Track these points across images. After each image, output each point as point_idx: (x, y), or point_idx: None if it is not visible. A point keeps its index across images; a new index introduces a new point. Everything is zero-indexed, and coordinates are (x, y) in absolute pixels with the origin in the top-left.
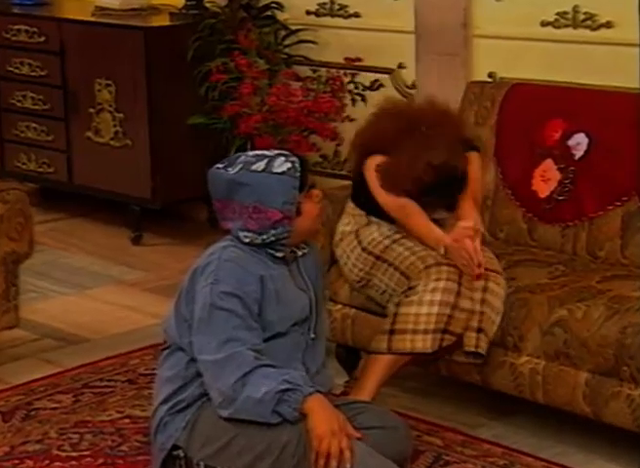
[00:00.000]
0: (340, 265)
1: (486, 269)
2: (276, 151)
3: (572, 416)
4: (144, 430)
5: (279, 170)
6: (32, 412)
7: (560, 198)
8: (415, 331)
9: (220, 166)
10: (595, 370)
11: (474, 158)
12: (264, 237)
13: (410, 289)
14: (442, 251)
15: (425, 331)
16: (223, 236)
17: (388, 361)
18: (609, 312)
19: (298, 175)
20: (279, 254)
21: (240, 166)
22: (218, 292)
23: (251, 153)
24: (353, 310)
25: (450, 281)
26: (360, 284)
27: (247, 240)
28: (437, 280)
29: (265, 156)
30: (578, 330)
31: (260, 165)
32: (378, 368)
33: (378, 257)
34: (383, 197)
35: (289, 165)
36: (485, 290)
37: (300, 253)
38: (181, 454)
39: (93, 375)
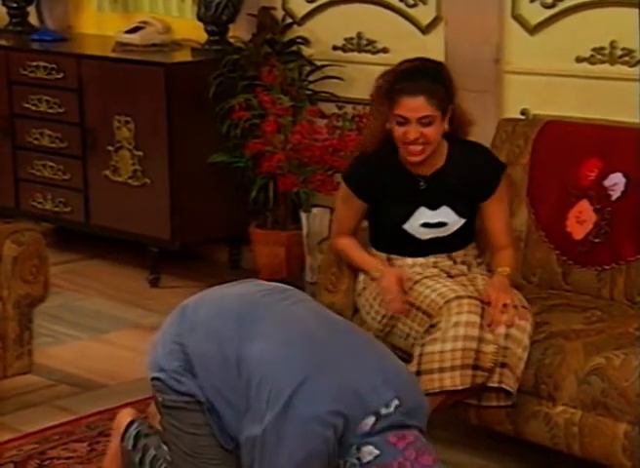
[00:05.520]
0: (361, 315)
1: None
2: None
3: None
4: None
5: None
6: (46, 462)
7: (596, 240)
8: (442, 370)
9: None
10: (635, 421)
11: (491, 207)
12: None
13: (432, 326)
14: (376, 274)
15: (453, 368)
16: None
17: None
18: None
19: None
20: None
21: None
22: None
23: None
24: None
25: (472, 313)
26: (384, 332)
27: None
28: (458, 313)
29: None
30: (616, 379)
31: None
32: None
33: None
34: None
35: None
36: (509, 324)
37: None
38: None
39: (109, 423)
